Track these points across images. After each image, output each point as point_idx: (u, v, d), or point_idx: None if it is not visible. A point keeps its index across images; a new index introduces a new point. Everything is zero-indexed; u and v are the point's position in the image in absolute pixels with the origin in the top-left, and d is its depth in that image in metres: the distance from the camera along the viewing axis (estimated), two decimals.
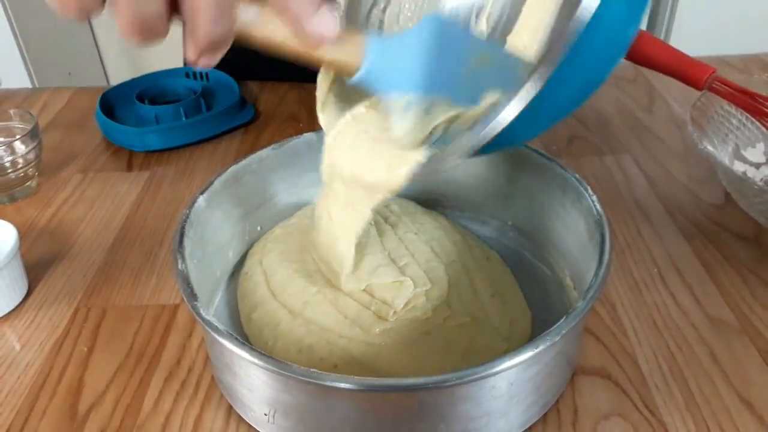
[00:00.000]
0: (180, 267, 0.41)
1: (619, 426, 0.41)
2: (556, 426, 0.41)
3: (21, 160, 0.64)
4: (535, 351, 0.35)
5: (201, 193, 0.48)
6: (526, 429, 0.40)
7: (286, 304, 0.46)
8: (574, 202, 0.47)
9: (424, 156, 0.37)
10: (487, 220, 0.56)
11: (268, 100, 0.81)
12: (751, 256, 0.53)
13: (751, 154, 0.61)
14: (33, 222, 0.62)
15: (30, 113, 0.67)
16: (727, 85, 0.58)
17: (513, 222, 0.55)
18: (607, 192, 0.62)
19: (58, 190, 0.67)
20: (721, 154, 0.60)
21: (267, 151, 0.53)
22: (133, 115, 0.76)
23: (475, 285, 0.48)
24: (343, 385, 0.34)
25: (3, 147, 0.64)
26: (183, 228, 0.44)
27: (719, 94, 0.58)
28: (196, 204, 0.47)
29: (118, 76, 1.65)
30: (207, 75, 0.81)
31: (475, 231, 0.55)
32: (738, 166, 0.60)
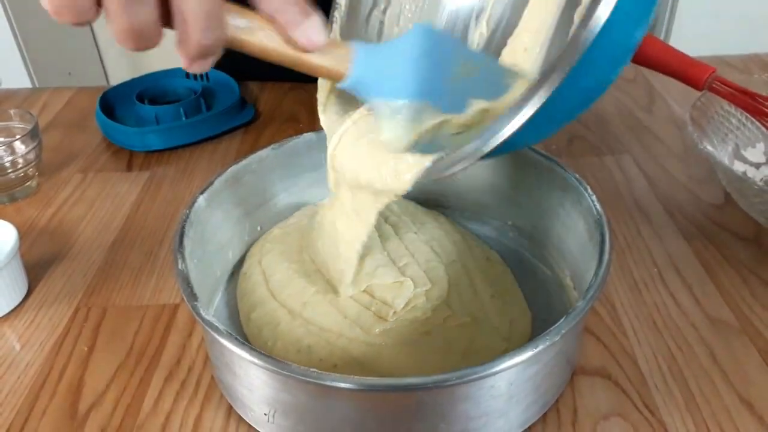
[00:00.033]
0: (180, 267, 0.41)
1: (619, 426, 0.41)
2: (556, 426, 0.41)
3: (21, 160, 0.64)
4: (535, 351, 0.35)
5: (201, 193, 0.48)
6: (526, 429, 0.40)
7: (286, 305, 0.47)
8: (574, 202, 0.47)
9: (430, 161, 0.37)
10: (487, 220, 0.56)
11: (268, 100, 0.81)
12: (751, 256, 0.53)
13: (750, 154, 0.61)
14: (33, 222, 0.62)
15: (30, 113, 0.67)
16: (727, 85, 0.58)
17: (513, 222, 0.55)
18: (607, 192, 0.62)
19: (58, 190, 0.67)
20: (721, 154, 0.60)
21: (267, 151, 0.53)
22: (133, 115, 0.76)
23: (475, 285, 0.48)
24: (342, 384, 0.34)
25: (3, 147, 0.64)
26: (183, 228, 0.44)
27: (719, 94, 0.58)
28: (196, 204, 0.47)
29: (118, 76, 1.65)
30: (207, 75, 0.81)
31: (475, 231, 0.55)
32: (738, 166, 0.60)
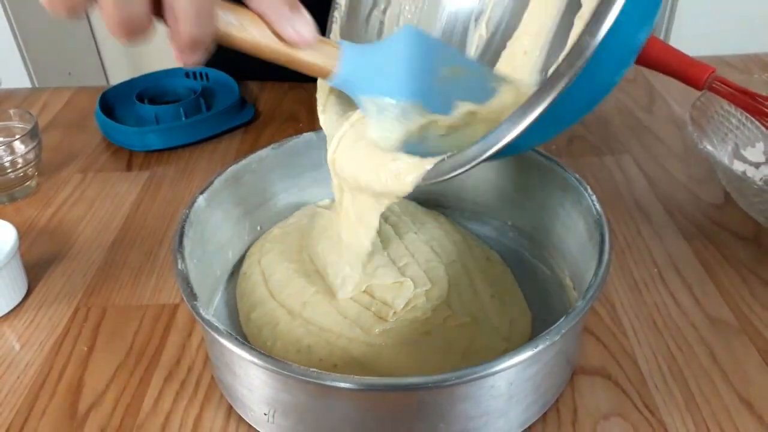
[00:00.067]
0: (180, 267, 0.41)
1: (619, 426, 0.41)
2: (556, 426, 0.41)
3: (21, 160, 0.64)
4: (535, 350, 0.35)
5: (201, 193, 0.48)
6: (526, 429, 0.40)
7: (285, 304, 0.47)
8: (574, 202, 0.47)
9: (431, 163, 0.37)
10: (487, 220, 0.56)
11: (268, 100, 0.81)
12: (751, 255, 0.53)
13: (750, 154, 0.61)
14: (33, 222, 0.62)
15: (30, 113, 0.67)
16: (726, 84, 0.58)
17: (513, 222, 0.55)
18: (607, 192, 0.62)
19: (57, 190, 0.67)
20: (721, 153, 0.60)
21: (267, 150, 0.53)
22: (133, 115, 0.76)
23: (475, 285, 0.48)
24: (342, 384, 0.34)
25: (3, 147, 0.64)
26: (183, 228, 0.44)
27: (719, 93, 0.58)
28: (195, 204, 0.47)
29: (118, 76, 1.65)
30: (207, 75, 0.81)
31: (475, 231, 0.55)
32: (737, 166, 0.60)
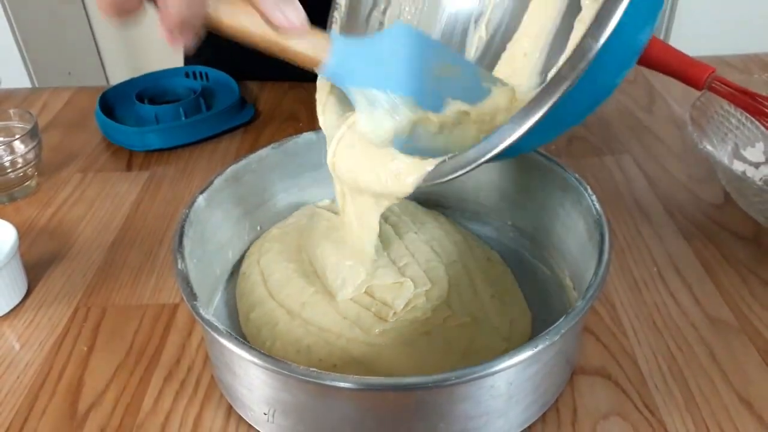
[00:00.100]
0: (180, 266, 0.41)
1: (619, 426, 0.41)
2: (556, 425, 0.41)
3: (20, 160, 0.64)
4: (535, 350, 0.35)
5: (201, 193, 0.48)
6: (526, 428, 0.40)
7: (284, 305, 0.46)
8: (574, 202, 0.47)
9: (432, 164, 0.37)
10: (487, 221, 0.56)
11: (268, 100, 0.81)
12: (751, 255, 0.53)
13: (750, 154, 0.61)
14: (32, 222, 0.62)
15: (30, 113, 0.67)
16: (726, 84, 0.58)
17: (513, 222, 0.55)
18: (607, 192, 0.62)
19: (57, 189, 0.67)
20: (721, 153, 0.60)
21: (267, 150, 0.53)
22: (132, 115, 0.76)
23: (475, 285, 0.48)
24: (342, 384, 0.34)
25: (2, 147, 0.64)
26: (183, 227, 0.44)
27: (719, 93, 0.58)
28: (195, 203, 0.47)
29: (117, 76, 1.65)
30: (207, 75, 0.81)
31: (476, 231, 0.55)
32: (737, 166, 0.60)
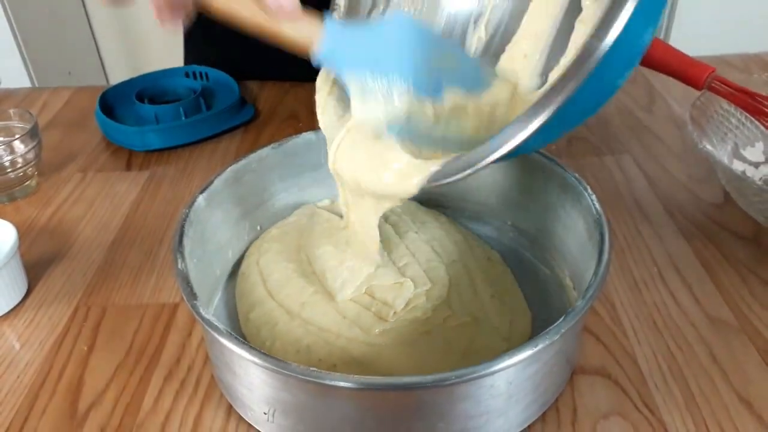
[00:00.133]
0: (180, 266, 0.41)
1: (619, 425, 0.41)
2: (556, 425, 0.41)
3: (20, 160, 0.64)
4: (534, 350, 0.35)
5: (201, 193, 0.48)
6: (525, 428, 0.40)
7: (284, 304, 0.46)
8: (574, 202, 0.47)
9: (438, 165, 0.37)
10: (487, 220, 0.56)
11: (268, 100, 0.81)
12: (751, 255, 0.53)
13: (750, 154, 0.61)
14: (32, 221, 0.62)
15: (29, 113, 0.67)
16: (726, 84, 0.58)
17: (513, 222, 0.55)
18: (607, 192, 0.62)
19: (57, 189, 0.67)
20: (721, 153, 0.60)
21: (267, 150, 0.53)
22: (132, 115, 0.76)
23: (475, 285, 0.48)
24: (342, 383, 0.34)
25: (2, 146, 0.64)
26: (183, 227, 0.44)
27: (719, 93, 0.59)
28: (195, 203, 0.47)
29: (117, 76, 1.65)
30: (207, 75, 0.81)
31: (476, 231, 0.55)
32: (737, 166, 0.60)
